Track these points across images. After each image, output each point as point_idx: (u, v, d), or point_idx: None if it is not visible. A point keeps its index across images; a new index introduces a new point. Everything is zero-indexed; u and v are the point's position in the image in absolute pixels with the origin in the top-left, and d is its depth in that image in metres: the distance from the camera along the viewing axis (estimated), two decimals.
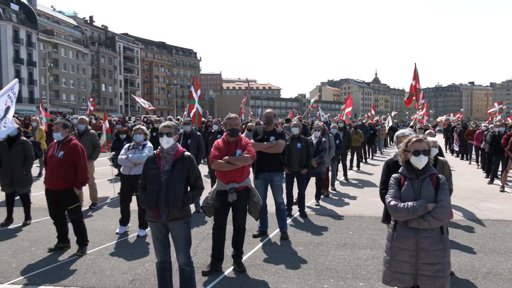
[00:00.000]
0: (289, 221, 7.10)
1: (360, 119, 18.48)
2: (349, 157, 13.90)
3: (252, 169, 5.94)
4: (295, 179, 7.51)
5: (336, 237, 6.36)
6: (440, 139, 15.93)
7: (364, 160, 16.85)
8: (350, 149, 13.50)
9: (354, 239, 6.30)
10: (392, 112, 37.50)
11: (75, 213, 5.63)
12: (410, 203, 3.22)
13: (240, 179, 4.97)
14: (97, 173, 9.82)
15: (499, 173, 11.83)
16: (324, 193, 9.43)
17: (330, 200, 9.26)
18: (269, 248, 5.84)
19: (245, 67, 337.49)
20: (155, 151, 4.05)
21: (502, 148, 10.80)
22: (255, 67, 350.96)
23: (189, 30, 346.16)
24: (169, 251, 4.06)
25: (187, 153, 4.04)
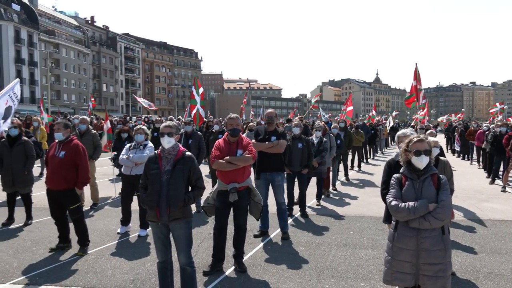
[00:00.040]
0: (290, 221, 7.10)
1: (361, 119, 18.44)
2: (350, 157, 13.90)
3: (253, 169, 5.94)
4: (296, 179, 7.52)
5: (337, 237, 6.36)
6: (441, 139, 15.92)
7: (365, 160, 16.84)
8: (351, 149, 13.49)
9: (355, 239, 6.30)
10: (393, 112, 37.44)
11: (77, 213, 5.64)
12: (411, 203, 3.22)
13: (241, 179, 4.96)
14: (98, 173, 9.82)
15: (500, 173, 11.82)
16: (325, 193, 9.43)
17: (331, 200, 9.26)
18: (270, 248, 5.84)
19: (246, 67, 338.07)
20: (156, 151, 4.06)
21: (503, 148, 10.80)
22: (256, 67, 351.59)
23: (190, 30, 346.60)
24: (170, 251, 4.06)
25: (188, 153, 4.04)
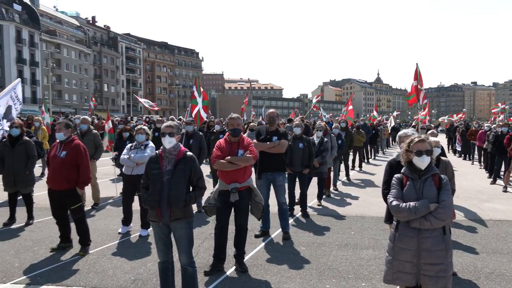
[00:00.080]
0: (291, 221, 7.10)
1: (362, 119, 18.40)
2: (351, 157, 13.88)
3: (254, 169, 5.94)
4: (297, 179, 7.52)
5: (338, 237, 6.36)
6: (442, 139, 15.89)
7: (366, 160, 16.82)
8: (352, 149, 13.48)
9: (356, 239, 6.29)
10: (394, 112, 37.41)
11: (78, 213, 5.64)
12: (412, 203, 3.21)
13: (242, 179, 4.96)
14: (100, 173, 9.83)
15: (501, 173, 11.81)
16: (326, 193, 9.43)
17: (332, 200, 9.25)
18: (271, 248, 5.84)
19: (247, 67, 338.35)
20: (157, 151, 4.06)
21: (504, 148, 10.78)
22: (257, 67, 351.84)
23: (191, 30, 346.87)
24: (171, 251, 4.06)
25: (189, 153, 4.04)
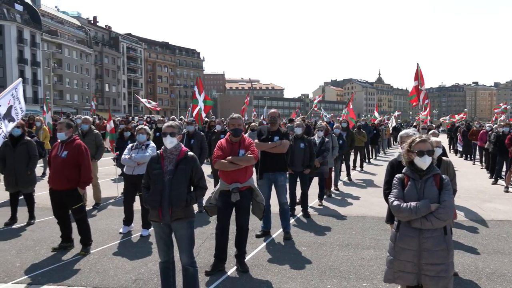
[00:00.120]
0: (292, 221, 7.10)
1: (363, 119, 18.38)
2: (352, 157, 13.89)
3: (255, 169, 5.94)
4: (298, 179, 7.52)
5: (339, 237, 6.36)
6: (443, 139, 15.86)
7: (367, 160, 16.82)
8: (353, 149, 13.48)
9: (357, 239, 6.29)
10: (396, 112, 37.36)
11: (79, 212, 5.65)
12: (413, 203, 3.21)
13: (243, 179, 4.96)
14: (101, 173, 9.85)
15: (503, 173, 11.78)
16: (327, 193, 9.42)
17: (333, 200, 9.25)
18: (272, 248, 5.84)
19: (248, 67, 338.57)
20: (158, 151, 4.06)
21: (506, 148, 10.76)
22: (258, 67, 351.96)
23: (193, 30, 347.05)
24: (172, 251, 4.06)
25: (191, 153, 4.04)
